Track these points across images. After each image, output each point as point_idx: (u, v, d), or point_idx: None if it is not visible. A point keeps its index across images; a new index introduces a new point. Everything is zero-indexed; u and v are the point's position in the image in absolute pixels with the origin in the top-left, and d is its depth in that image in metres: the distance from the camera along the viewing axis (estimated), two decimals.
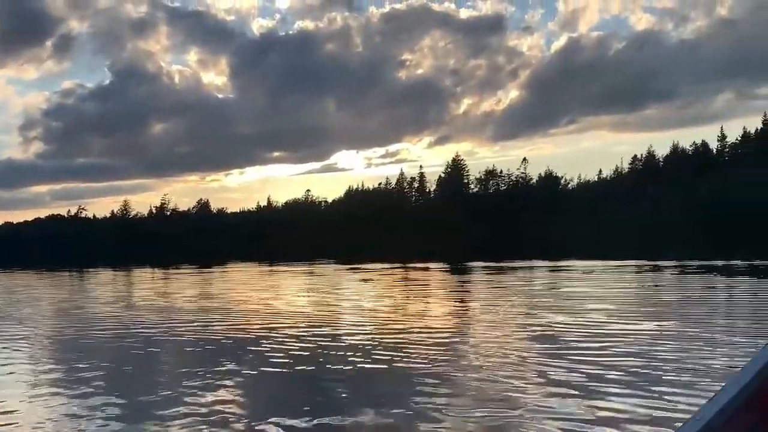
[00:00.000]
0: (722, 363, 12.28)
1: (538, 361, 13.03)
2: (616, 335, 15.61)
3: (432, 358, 13.63)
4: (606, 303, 22.31)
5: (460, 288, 32.41)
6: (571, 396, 10.32)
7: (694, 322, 17.19)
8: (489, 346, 14.90)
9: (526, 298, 25.05)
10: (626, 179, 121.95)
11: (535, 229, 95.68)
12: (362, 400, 10.62)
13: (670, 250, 49.54)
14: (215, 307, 25.28)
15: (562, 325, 17.55)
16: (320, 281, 38.64)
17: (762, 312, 19.68)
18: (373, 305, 25.09)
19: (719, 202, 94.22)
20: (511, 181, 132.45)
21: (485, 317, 20.02)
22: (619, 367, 12.11)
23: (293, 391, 11.61)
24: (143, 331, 19.46)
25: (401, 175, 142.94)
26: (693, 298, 23.46)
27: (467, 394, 10.71)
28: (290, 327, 19.18)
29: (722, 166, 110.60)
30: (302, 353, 14.83)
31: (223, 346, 16.24)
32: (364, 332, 17.80)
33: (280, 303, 26.88)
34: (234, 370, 13.30)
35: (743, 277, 31.13)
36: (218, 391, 11.53)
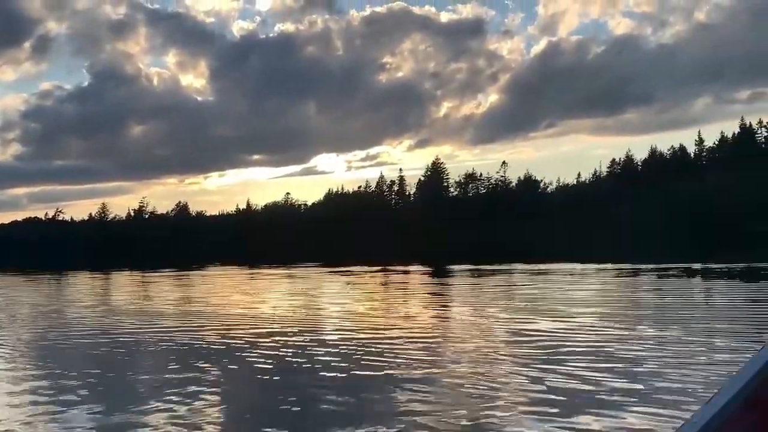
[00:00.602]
0: (701, 364, 12.42)
1: (519, 365, 13.08)
2: (597, 339, 15.72)
3: (415, 363, 13.66)
4: (586, 306, 22.45)
5: (440, 291, 32.48)
6: (551, 401, 10.38)
7: (673, 325, 17.34)
8: (470, 349, 14.96)
9: (506, 301, 25.15)
10: (605, 183, 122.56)
11: (514, 232, 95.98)
12: (342, 405, 10.64)
13: (648, 254, 49.91)
14: (194, 312, 25.20)
15: (542, 327, 17.64)
16: (300, 284, 38.58)
17: (739, 314, 19.87)
18: (354, 308, 25.09)
19: (697, 205, 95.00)
20: (491, 185, 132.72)
21: (466, 321, 20.09)
22: (602, 369, 12.20)
23: (272, 397, 11.57)
24: (122, 335, 19.36)
25: (381, 179, 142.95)
26: (670, 302, 23.67)
27: (449, 398, 10.75)
28: (271, 331, 19.16)
29: (700, 170, 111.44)
30: (283, 357, 14.82)
31: (201, 351, 16.17)
32: (344, 336, 17.81)
33: (261, 307, 26.85)
34: (213, 373, 13.28)
35: (720, 280, 31.43)
36: (196, 396, 11.46)
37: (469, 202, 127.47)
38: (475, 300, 26.24)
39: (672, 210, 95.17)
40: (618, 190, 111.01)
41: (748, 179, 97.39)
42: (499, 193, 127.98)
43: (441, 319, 21.48)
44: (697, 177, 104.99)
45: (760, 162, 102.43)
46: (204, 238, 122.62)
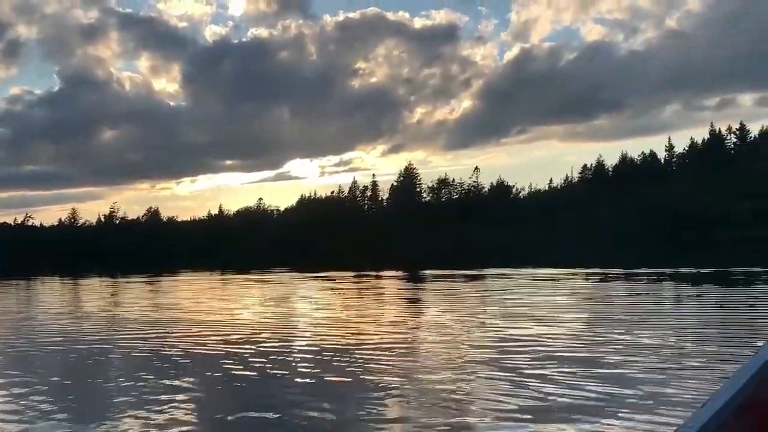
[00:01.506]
0: (677, 369, 12.47)
1: (497, 370, 13.07)
2: (573, 343, 15.74)
3: (392, 369, 13.61)
4: (559, 311, 22.50)
5: (414, 296, 32.42)
6: (528, 407, 10.38)
7: (647, 329, 17.41)
8: (446, 354, 14.94)
9: (480, 307, 25.16)
10: (576, 189, 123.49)
11: (486, 237, 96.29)
12: (318, 411, 10.57)
13: (619, 259, 50.21)
14: (167, 318, 24.97)
15: (519, 332, 17.67)
16: (273, 290, 38.37)
17: (710, 319, 20.02)
18: (327, 315, 24.97)
19: (667, 211, 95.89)
20: (463, 190, 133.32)
21: (440, 326, 20.04)
22: (579, 374, 12.22)
23: (248, 405, 11.45)
24: (94, 343, 19.11)
25: (354, 184, 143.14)
26: (643, 306, 23.83)
27: (424, 405, 10.70)
28: (245, 338, 19.01)
29: (670, 176, 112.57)
30: (258, 364, 14.71)
31: (175, 358, 16.00)
32: (319, 342, 17.72)
33: (234, 313, 26.66)
34: (187, 380, 13.14)
35: (689, 285, 31.65)
36: (171, 406, 11.35)
37: (442, 207, 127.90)
38: (449, 305, 26.21)
39: (642, 215, 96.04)
40: (589, 195, 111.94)
41: (717, 185, 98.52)
42: (471, 199, 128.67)
43: (415, 325, 21.42)
44: (667, 183, 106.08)
45: (729, 168, 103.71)
46: (175, 244, 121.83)
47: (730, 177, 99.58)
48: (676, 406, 9.87)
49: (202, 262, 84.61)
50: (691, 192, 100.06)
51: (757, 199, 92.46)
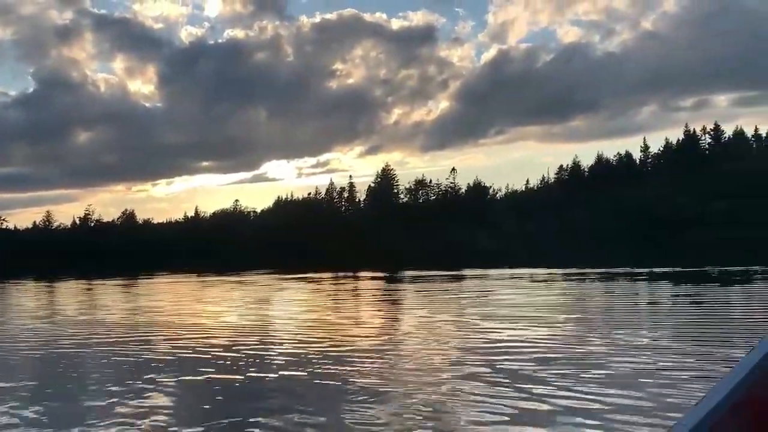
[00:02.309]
0: (653, 370, 12.52)
1: (480, 373, 13.07)
2: (547, 343, 15.77)
3: (372, 371, 13.58)
4: (533, 310, 22.55)
5: (389, 298, 32.42)
6: (505, 410, 10.38)
7: (623, 329, 17.48)
8: (424, 355, 14.93)
9: (457, 307, 25.16)
10: (552, 189, 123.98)
11: (464, 238, 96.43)
12: (296, 414, 10.52)
13: (595, 259, 50.46)
14: (144, 321, 24.80)
15: (498, 333, 17.69)
16: (250, 292, 38.21)
17: (688, 318, 20.15)
18: (307, 316, 24.91)
19: (643, 211, 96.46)
20: (441, 191, 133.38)
21: (417, 326, 20.04)
22: (555, 374, 12.24)
23: (227, 409, 11.38)
24: (70, 348, 18.92)
25: (331, 185, 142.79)
26: (620, 306, 23.95)
27: (400, 408, 10.67)
28: (224, 340, 18.93)
29: (645, 177, 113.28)
30: (237, 368, 14.63)
31: (153, 361, 15.89)
32: (296, 343, 17.67)
33: (211, 315, 26.54)
34: (166, 383, 13.04)
35: (666, 284, 31.86)
36: (146, 410, 11.29)
37: (419, 208, 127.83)
38: (426, 306, 26.20)
39: (618, 216, 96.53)
40: (565, 196, 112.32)
41: (692, 185, 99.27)
42: (448, 200, 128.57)
43: (396, 326, 21.41)
44: (642, 183, 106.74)
45: (704, 168, 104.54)
46: (151, 246, 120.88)
47: (704, 177, 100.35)
48: (662, 409, 9.90)
49: (178, 264, 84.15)
50: (666, 192, 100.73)
51: (731, 200, 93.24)
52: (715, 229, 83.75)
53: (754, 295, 25.85)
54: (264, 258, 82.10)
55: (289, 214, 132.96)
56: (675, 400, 10.18)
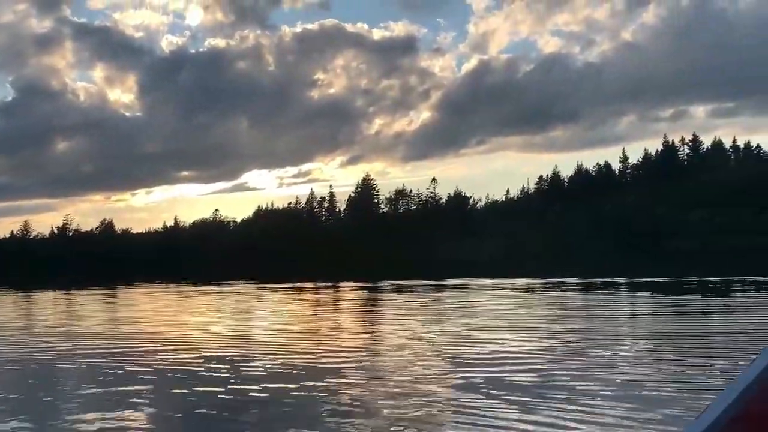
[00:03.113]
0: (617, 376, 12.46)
1: (460, 384, 12.97)
2: (524, 355, 15.68)
3: (355, 384, 13.46)
4: (515, 322, 22.49)
5: (370, 308, 32.25)
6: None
7: (604, 339, 17.45)
8: (409, 367, 14.80)
9: (438, 317, 25.04)
10: (532, 199, 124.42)
11: (444, 248, 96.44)
12: (275, 429, 10.38)
13: (575, 269, 50.54)
14: (122, 333, 24.52)
15: (477, 344, 17.61)
16: (229, 303, 37.90)
17: (667, 329, 20.15)
18: (286, 327, 24.72)
19: (622, 221, 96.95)
20: (421, 201, 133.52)
21: (395, 338, 19.91)
22: (528, 387, 12.15)
23: (204, 422, 11.22)
24: (49, 360, 18.65)
25: (311, 195, 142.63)
26: (597, 315, 23.92)
27: (389, 421, 10.55)
28: (204, 353, 18.69)
29: (624, 187, 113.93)
30: (216, 379, 14.47)
31: (132, 374, 15.67)
32: (278, 355, 17.49)
33: (190, 327, 26.32)
34: (142, 399, 12.86)
35: (646, 295, 31.90)
36: (124, 424, 11.09)
37: (400, 218, 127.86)
38: (409, 316, 26.07)
39: (598, 226, 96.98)
40: (545, 206, 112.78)
41: (671, 196, 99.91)
42: (429, 210, 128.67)
43: (375, 337, 21.29)
44: (621, 193, 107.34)
45: (682, 179, 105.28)
46: (130, 256, 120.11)
47: (683, 188, 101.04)
48: (659, 422, 9.84)
49: (157, 274, 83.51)
50: (645, 202, 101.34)
51: (710, 210, 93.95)
52: (694, 239, 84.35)
53: (734, 305, 25.90)
54: (244, 268, 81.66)
55: (269, 224, 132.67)
56: (670, 411, 10.10)
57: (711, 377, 12.65)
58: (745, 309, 24.02)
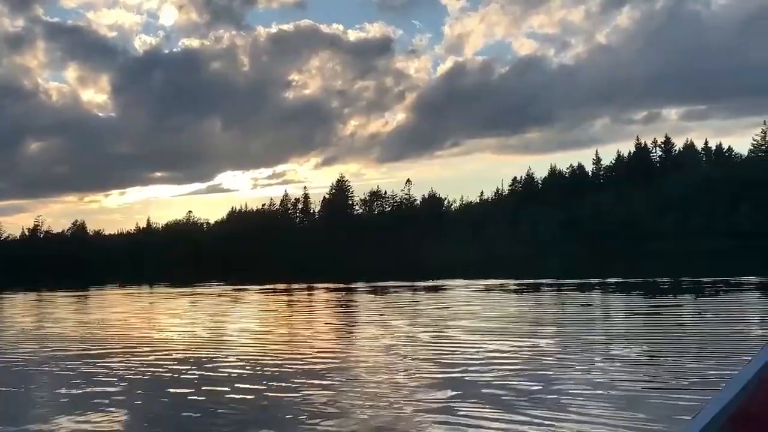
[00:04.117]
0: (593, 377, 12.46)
1: (430, 386, 12.91)
2: (502, 356, 15.65)
3: (331, 386, 13.36)
4: (489, 322, 22.46)
5: (345, 310, 32.12)
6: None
7: (572, 340, 17.46)
8: (377, 370, 14.74)
9: (413, 318, 24.97)
10: (507, 201, 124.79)
11: (418, 249, 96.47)
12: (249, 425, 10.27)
13: (548, 270, 50.70)
14: (94, 336, 24.24)
15: (453, 345, 17.56)
16: (203, 305, 37.64)
17: (642, 330, 20.23)
18: (261, 329, 24.56)
19: (594, 222, 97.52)
20: (395, 203, 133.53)
21: (370, 339, 19.84)
22: (507, 387, 12.11)
23: (176, 425, 11.08)
24: (16, 361, 18.46)
25: (285, 196, 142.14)
26: (571, 316, 23.97)
27: (355, 423, 10.47)
28: (177, 356, 18.53)
29: (597, 188, 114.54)
30: (189, 382, 14.34)
31: (100, 377, 15.48)
32: (253, 358, 17.32)
33: (164, 329, 26.12)
34: (112, 400, 12.70)
35: (616, 294, 32.04)
36: (94, 427, 10.94)
37: (373, 219, 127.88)
38: (384, 317, 26.00)
39: (571, 227, 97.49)
40: (519, 207, 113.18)
41: (643, 197, 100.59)
42: (403, 211, 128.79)
43: (351, 338, 21.20)
44: (594, 195, 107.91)
45: (654, 180, 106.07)
46: (102, 258, 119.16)
47: (655, 190, 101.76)
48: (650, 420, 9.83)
49: (129, 276, 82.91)
50: (617, 204, 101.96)
51: (681, 212, 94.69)
52: (665, 241, 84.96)
53: (706, 306, 26.06)
54: (217, 269, 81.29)
55: (242, 225, 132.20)
56: (660, 413, 10.09)
57: (683, 377, 12.67)
58: (717, 310, 24.14)
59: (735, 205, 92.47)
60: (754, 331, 19.31)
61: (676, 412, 9.86)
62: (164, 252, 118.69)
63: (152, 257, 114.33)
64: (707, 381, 12.07)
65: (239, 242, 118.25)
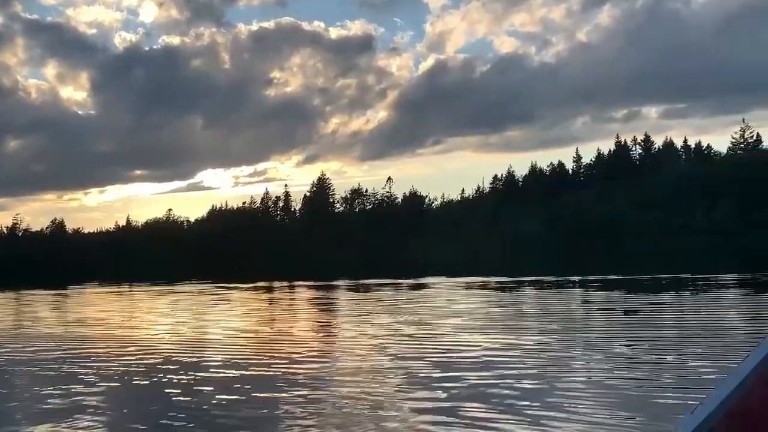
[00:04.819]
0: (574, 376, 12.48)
1: (418, 385, 12.88)
2: (491, 355, 15.64)
3: (309, 386, 13.29)
4: (469, 320, 22.47)
5: (326, 308, 32.05)
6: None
7: (553, 337, 17.49)
8: (365, 369, 14.70)
9: (395, 317, 24.94)
10: (487, 199, 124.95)
11: (399, 247, 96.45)
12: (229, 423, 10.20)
13: (529, 268, 50.80)
14: (73, 335, 24.08)
15: (437, 344, 17.54)
16: (183, 304, 37.44)
17: (607, 323, 20.31)
18: (242, 328, 24.46)
19: (575, 220, 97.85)
20: (377, 201, 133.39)
21: (353, 338, 19.80)
22: (491, 385, 12.10)
23: (154, 426, 10.97)
24: None
25: (266, 194, 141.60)
26: (550, 313, 24.02)
27: (329, 416, 10.42)
28: (157, 355, 18.41)
29: (577, 186, 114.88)
30: (169, 383, 14.25)
31: (79, 377, 15.37)
32: (234, 358, 17.24)
33: (143, 328, 25.97)
34: (90, 401, 12.59)
35: (597, 292, 32.17)
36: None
37: (355, 217, 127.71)
38: (367, 316, 25.95)
39: (552, 225, 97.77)
40: (500, 205, 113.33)
41: (623, 195, 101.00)
42: (384, 210, 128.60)
43: (332, 338, 21.14)
44: (575, 193, 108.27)
45: (634, 179, 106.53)
46: (81, 256, 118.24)
47: (635, 188, 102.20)
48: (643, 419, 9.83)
49: (108, 275, 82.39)
50: (598, 202, 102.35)
51: (661, 209, 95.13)
52: (646, 239, 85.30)
53: (689, 303, 26.21)
54: (197, 268, 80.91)
55: (223, 224, 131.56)
56: (651, 410, 10.12)
57: (670, 375, 12.72)
58: (700, 308, 24.27)
59: (714, 203, 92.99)
60: (740, 327, 19.43)
61: (668, 410, 9.89)
62: (144, 250, 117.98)
63: (132, 256, 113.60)
64: (700, 379, 12.12)
65: (220, 240, 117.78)
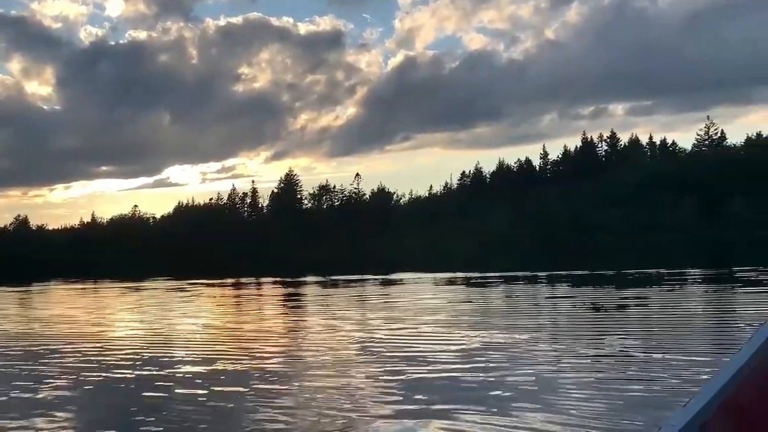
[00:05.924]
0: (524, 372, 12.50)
1: (390, 383, 12.84)
2: (456, 347, 15.64)
3: (279, 383, 13.19)
4: (438, 315, 22.49)
5: (294, 304, 31.93)
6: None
7: (517, 332, 17.54)
8: (328, 362, 14.63)
9: (363, 312, 24.91)
10: (455, 195, 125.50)
11: (367, 243, 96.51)
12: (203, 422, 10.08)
13: (496, 263, 51.00)
14: (32, 332, 23.76)
15: (395, 339, 17.51)
16: (148, 300, 37.09)
17: (578, 318, 20.42)
18: (209, 324, 24.25)
19: (542, 216, 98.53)
20: (344, 197, 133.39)
21: (321, 334, 19.73)
22: (461, 379, 12.09)
23: (120, 425, 10.83)
24: None
25: (233, 191, 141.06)
26: (517, 309, 24.11)
27: (307, 412, 10.35)
28: (122, 353, 18.18)
29: (544, 183, 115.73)
30: (135, 379, 14.06)
31: (40, 376, 15.14)
32: (201, 356, 17.09)
33: (109, 326, 25.68)
34: (54, 400, 12.38)
35: (564, 286, 32.37)
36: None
37: (323, 214, 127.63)
38: (332, 310, 25.86)
39: (519, 221, 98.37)
40: (467, 201, 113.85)
41: (589, 192, 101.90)
42: (352, 206, 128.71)
43: (297, 332, 21.04)
44: (541, 189, 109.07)
45: (600, 175, 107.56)
46: (44, 253, 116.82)
47: (601, 184, 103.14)
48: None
49: (73, 272, 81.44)
50: (564, 198, 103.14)
51: (627, 205, 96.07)
52: (611, 234, 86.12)
53: (651, 297, 26.43)
54: (163, 265, 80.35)
55: (189, 220, 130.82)
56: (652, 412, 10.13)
57: (654, 369, 12.79)
58: (671, 302, 24.46)
59: (679, 199, 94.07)
60: (727, 321, 19.55)
61: (649, 403, 9.93)
62: (109, 247, 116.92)
63: (97, 252, 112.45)
64: (691, 375, 12.16)
65: (186, 237, 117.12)
